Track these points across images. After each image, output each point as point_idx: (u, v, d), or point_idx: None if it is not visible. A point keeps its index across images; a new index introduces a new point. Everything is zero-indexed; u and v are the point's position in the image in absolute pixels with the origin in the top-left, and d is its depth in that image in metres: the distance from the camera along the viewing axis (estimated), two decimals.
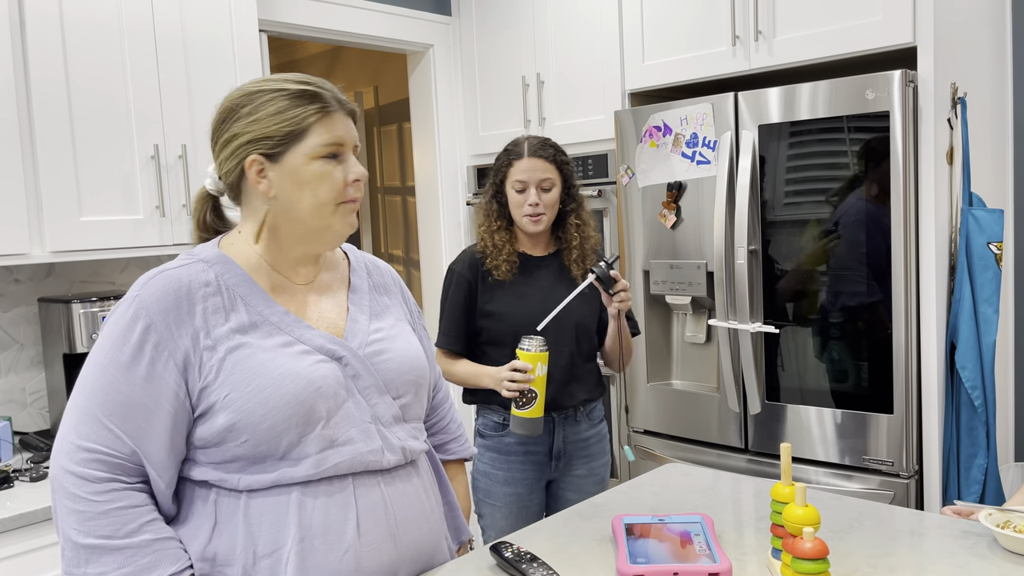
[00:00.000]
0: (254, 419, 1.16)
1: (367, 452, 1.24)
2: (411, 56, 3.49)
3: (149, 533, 1.14)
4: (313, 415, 1.19)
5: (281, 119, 1.20)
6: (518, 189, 2.07)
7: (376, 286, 1.41)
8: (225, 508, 1.19)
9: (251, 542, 1.18)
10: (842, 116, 2.30)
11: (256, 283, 1.25)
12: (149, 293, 1.17)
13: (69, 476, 1.12)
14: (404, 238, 4.70)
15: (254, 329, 1.21)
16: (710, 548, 1.30)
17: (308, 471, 1.19)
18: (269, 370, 1.18)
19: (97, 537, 1.11)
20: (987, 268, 2.34)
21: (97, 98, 2.22)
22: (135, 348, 1.15)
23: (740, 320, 2.49)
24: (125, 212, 2.29)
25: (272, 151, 1.20)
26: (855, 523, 1.46)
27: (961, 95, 2.36)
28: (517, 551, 1.33)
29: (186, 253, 1.27)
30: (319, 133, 1.21)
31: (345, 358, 1.25)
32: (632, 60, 2.88)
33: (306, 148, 1.20)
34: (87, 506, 1.11)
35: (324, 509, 1.20)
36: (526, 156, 2.07)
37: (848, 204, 2.32)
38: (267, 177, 1.21)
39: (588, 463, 2.15)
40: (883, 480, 2.31)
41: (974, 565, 1.26)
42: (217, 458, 1.19)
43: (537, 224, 2.08)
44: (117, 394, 1.14)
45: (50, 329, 2.30)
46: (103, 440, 1.13)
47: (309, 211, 1.22)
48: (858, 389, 2.35)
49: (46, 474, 2.05)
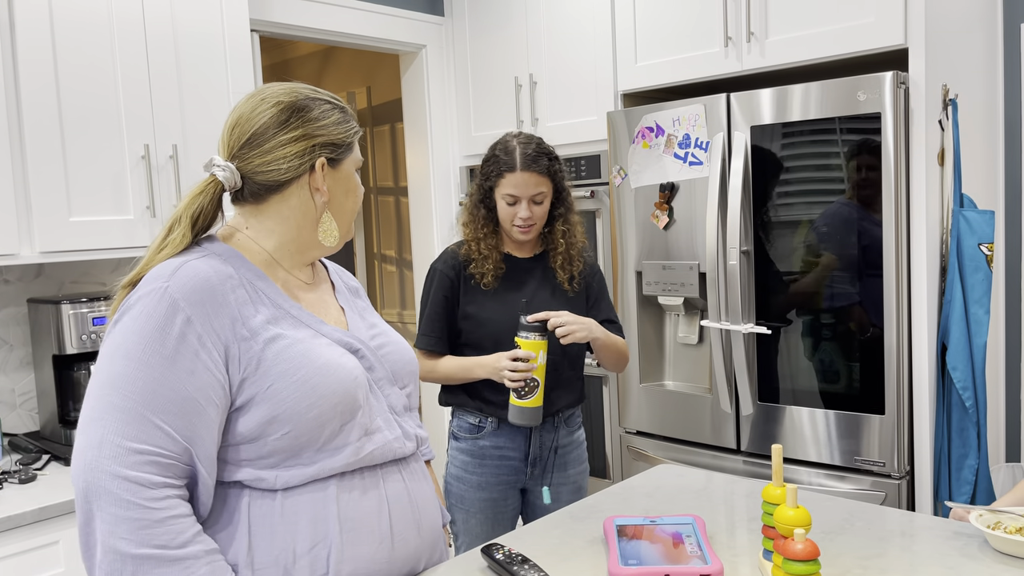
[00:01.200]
0: (300, 409, 1.16)
1: (393, 440, 1.28)
2: (404, 56, 3.49)
3: (200, 544, 1.10)
4: (355, 403, 1.22)
5: (342, 129, 1.29)
6: (509, 202, 2.00)
7: (349, 288, 1.45)
8: (259, 511, 1.17)
9: (290, 541, 1.17)
10: (834, 117, 2.30)
11: (269, 278, 1.25)
12: (181, 285, 1.13)
13: (121, 482, 1.06)
14: (397, 239, 4.70)
15: (282, 321, 1.21)
16: (701, 549, 1.30)
17: (348, 460, 1.21)
18: (311, 360, 1.18)
19: (152, 547, 1.06)
20: (978, 269, 2.35)
21: (87, 98, 2.21)
22: (177, 341, 1.11)
23: (732, 321, 2.49)
24: (115, 212, 2.28)
25: (336, 156, 1.28)
26: (846, 524, 1.46)
27: (952, 96, 2.36)
28: (508, 553, 1.32)
29: (196, 247, 1.23)
30: (356, 148, 1.33)
31: (361, 351, 1.29)
32: (625, 61, 2.88)
33: (354, 160, 1.32)
34: (143, 513, 1.06)
35: (359, 501, 1.22)
36: (519, 170, 1.98)
37: (840, 205, 2.32)
38: (326, 181, 1.28)
39: (564, 470, 2.11)
40: (874, 481, 2.32)
41: (965, 566, 1.27)
42: (252, 455, 1.17)
43: (527, 235, 2.04)
44: (164, 390, 1.10)
45: (39, 330, 2.29)
46: (155, 440, 1.09)
47: (348, 216, 1.32)
48: (850, 390, 2.35)
49: (36, 476, 2.03)
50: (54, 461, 2.19)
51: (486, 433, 2.05)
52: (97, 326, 2.23)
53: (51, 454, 2.21)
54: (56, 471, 2.11)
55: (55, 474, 2.08)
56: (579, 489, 2.16)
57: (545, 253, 2.12)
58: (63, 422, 2.26)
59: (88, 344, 2.22)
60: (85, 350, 2.22)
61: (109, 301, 2.27)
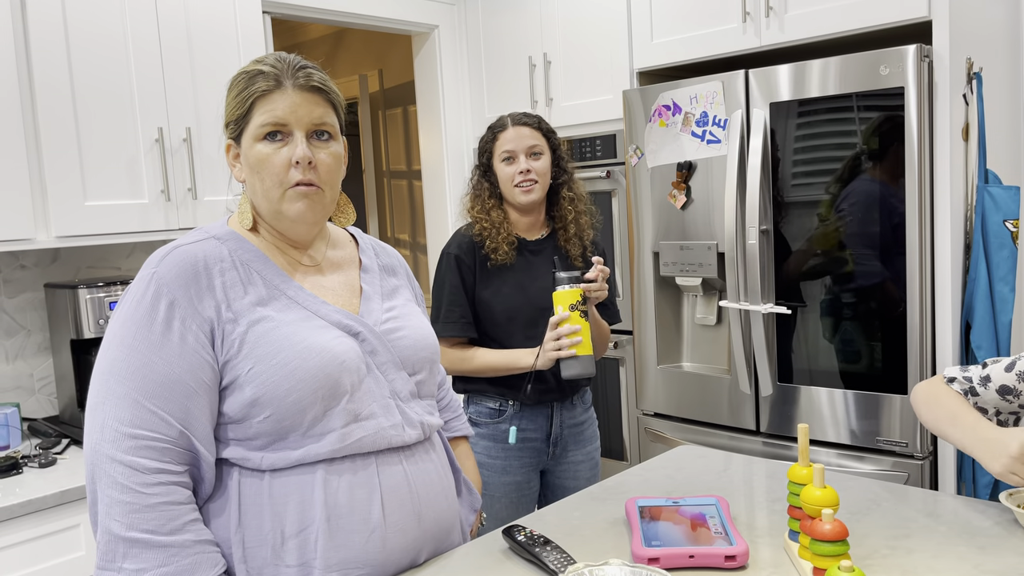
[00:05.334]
0: (279, 392, 1.14)
1: (388, 427, 1.23)
2: (416, 37, 3.45)
3: (191, 533, 1.11)
4: (338, 388, 1.18)
5: (237, 102, 1.20)
6: (506, 159, 2.00)
7: (384, 267, 1.41)
8: (248, 489, 1.17)
9: (278, 522, 1.16)
10: (855, 93, 2.26)
11: (269, 259, 1.24)
12: (167, 269, 1.15)
13: (117, 465, 1.08)
14: (411, 223, 4.68)
15: (273, 302, 1.20)
16: (726, 530, 1.29)
17: (333, 446, 1.18)
18: (293, 343, 1.16)
19: (140, 531, 1.07)
20: (1003, 246, 2.30)
21: (100, 81, 2.19)
22: (163, 325, 1.12)
23: (752, 301, 2.46)
24: (130, 196, 2.27)
25: (234, 136, 1.22)
26: (872, 504, 1.44)
27: (977, 70, 2.31)
28: (530, 534, 1.31)
29: (198, 230, 1.25)
30: (259, 113, 1.18)
31: (362, 334, 1.25)
32: (640, 38, 2.84)
33: (250, 130, 1.20)
34: (135, 497, 1.08)
35: (349, 488, 1.19)
36: (511, 126, 2.02)
37: (861, 182, 2.28)
38: (239, 161, 1.23)
39: (583, 447, 2.11)
40: (896, 461, 2.29)
41: (994, 546, 1.24)
42: (240, 435, 1.17)
43: (530, 193, 1.99)
44: (155, 375, 1.11)
45: (57, 315, 2.29)
46: (149, 424, 1.10)
47: (260, 196, 1.21)
48: (871, 370, 2.32)
49: (55, 460, 2.04)
50: (73, 445, 2.19)
51: (507, 416, 2.03)
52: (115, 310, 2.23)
53: (70, 438, 2.21)
54: (75, 455, 2.11)
55: (75, 458, 2.09)
56: (596, 465, 2.16)
57: (553, 233, 2.09)
58: (81, 406, 2.26)
59: (106, 329, 2.22)
60: (102, 335, 2.22)
61: (125, 286, 2.28)
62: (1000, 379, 1.49)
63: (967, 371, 1.54)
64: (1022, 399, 1.47)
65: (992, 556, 1.21)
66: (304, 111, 1.19)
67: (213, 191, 2.43)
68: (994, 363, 1.52)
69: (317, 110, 1.21)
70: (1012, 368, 1.48)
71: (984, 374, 1.51)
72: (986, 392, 1.50)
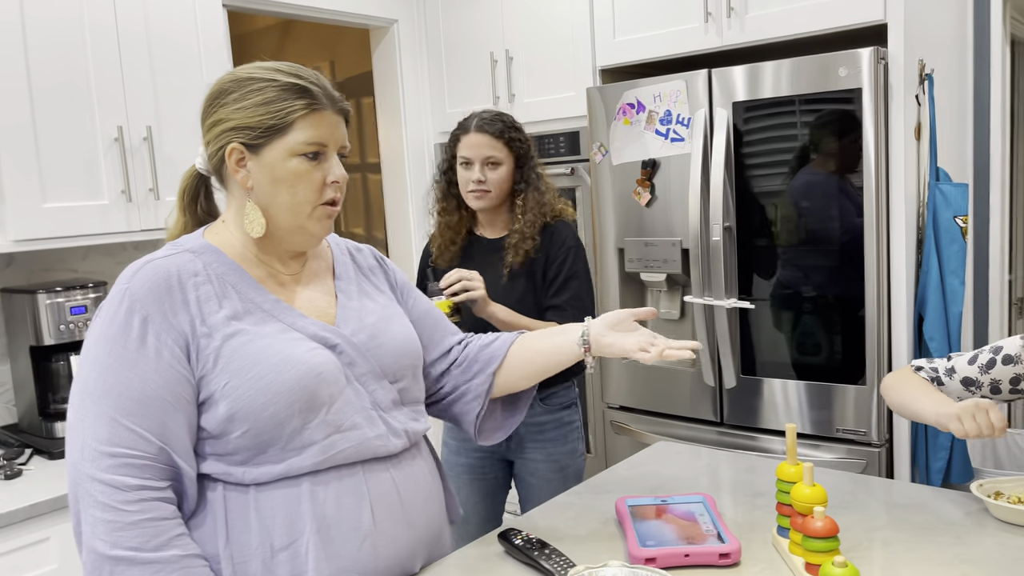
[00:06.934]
0: (255, 407, 1.13)
1: (373, 438, 1.23)
2: (375, 31, 3.42)
3: (178, 548, 1.10)
4: (316, 401, 1.17)
5: (266, 111, 1.18)
6: (463, 165, 2.01)
7: (362, 269, 1.40)
8: (234, 504, 1.16)
9: (267, 536, 1.15)
10: (814, 93, 2.32)
11: (245, 272, 1.22)
12: (139, 284, 1.14)
13: (97, 484, 1.08)
14: (365, 217, 4.64)
15: (248, 316, 1.19)
16: (717, 528, 1.33)
17: (315, 458, 1.17)
18: (268, 356, 1.15)
19: (125, 549, 1.07)
20: (953, 241, 2.41)
21: (57, 76, 2.12)
22: (137, 342, 1.11)
23: (716, 296, 2.52)
24: (89, 197, 2.20)
25: (253, 142, 1.18)
26: (850, 497, 1.50)
27: (928, 72, 2.40)
28: (527, 538, 1.33)
29: (171, 244, 1.23)
30: (302, 130, 1.18)
31: (339, 346, 1.23)
32: (603, 36, 2.87)
33: (287, 144, 1.18)
34: (117, 515, 1.07)
35: (336, 499, 1.18)
36: (472, 131, 2.00)
37: (820, 180, 2.35)
38: (246, 167, 1.20)
39: (543, 448, 2.09)
40: (854, 449, 2.38)
41: (972, 532, 1.31)
42: (219, 450, 1.16)
43: (480, 200, 2.01)
44: (131, 392, 1.10)
45: (14, 320, 2.21)
46: (128, 443, 1.09)
47: (284, 208, 1.20)
48: (831, 361, 2.40)
49: (21, 471, 1.98)
50: (37, 455, 2.13)
51: None
52: (76, 315, 2.17)
53: (33, 448, 2.15)
54: (40, 465, 2.05)
55: (40, 468, 2.03)
56: (561, 468, 2.10)
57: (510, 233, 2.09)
58: (43, 414, 2.20)
59: (66, 335, 2.16)
60: (63, 341, 2.16)
61: (85, 290, 2.21)
62: (964, 371, 1.57)
63: (933, 363, 1.63)
64: (983, 390, 1.56)
65: (969, 546, 1.27)
66: (340, 133, 1.22)
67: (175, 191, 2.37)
68: (958, 356, 1.60)
69: (344, 132, 1.24)
70: (975, 361, 1.56)
71: (949, 366, 1.59)
72: (951, 382, 1.58)
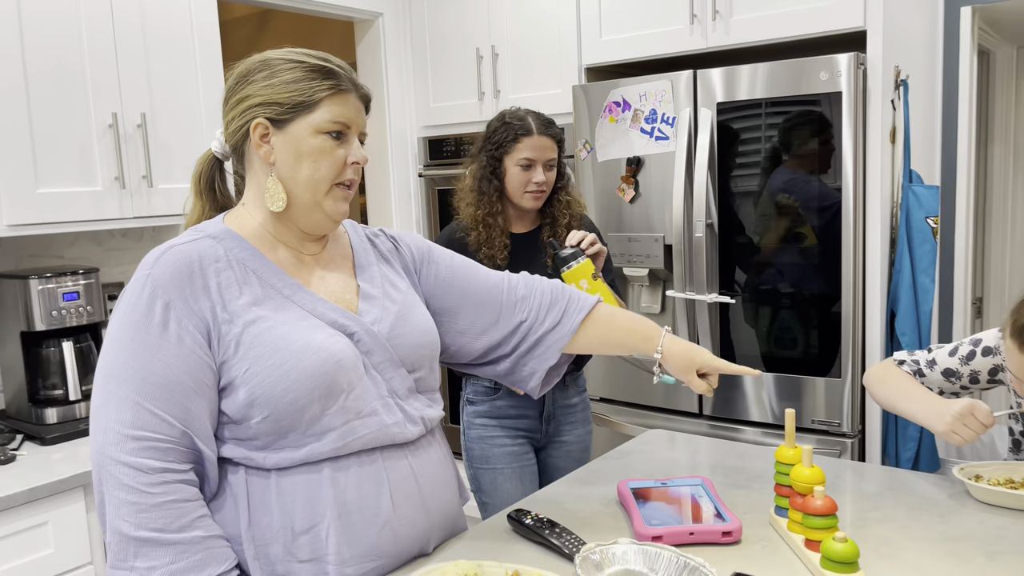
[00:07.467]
0: (275, 393, 1.16)
1: (391, 424, 1.25)
2: (359, 24, 3.43)
3: (200, 530, 1.13)
4: (335, 388, 1.19)
5: (294, 88, 1.21)
6: (524, 166, 2.03)
7: (382, 256, 1.41)
8: (256, 487, 1.19)
9: (287, 519, 1.18)
10: (796, 96, 2.41)
11: (266, 257, 1.24)
12: (162, 270, 1.15)
13: (121, 467, 1.10)
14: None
15: (268, 301, 1.21)
16: (717, 509, 1.39)
17: (335, 444, 1.19)
18: (289, 343, 1.17)
19: (149, 530, 1.09)
20: (925, 241, 2.51)
21: (53, 63, 2.11)
22: (160, 327, 1.13)
23: (697, 291, 2.60)
24: (83, 184, 2.20)
25: (279, 117, 1.21)
26: (838, 481, 1.57)
27: (904, 77, 2.50)
28: (536, 517, 1.38)
29: (192, 229, 1.25)
30: (328, 108, 1.21)
31: (357, 334, 1.25)
32: (589, 35, 2.92)
33: (313, 121, 1.21)
34: (141, 497, 1.09)
35: (357, 484, 1.21)
36: (535, 134, 2.02)
37: (800, 180, 2.44)
38: (269, 142, 1.22)
39: (574, 429, 2.18)
40: (828, 439, 2.48)
41: (955, 512, 1.40)
42: (240, 435, 1.19)
43: (538, 201, 2.06)
44: (154, 376, 1.12)
45: (5, 306, 2.20)
46: (151, 426, 1.11)
47: (304, 184, 1.22)
48: (808, 355, 2.50)
49: (15, 457, 1.97)
50: (28, 440, 2.12)
51: (503, 393, 2.09)
52: (68, 301, 2.16)
53: (24, 433, 2.14)
54: (33, 451, 2.05)
55: (33, 454, 2.02)
56: (587, 448, 2.21)
57: (540, 227, 2.14)
58: (33, 400, 2.19)
59: (58, 321, 2.15)
60: (55, 327, 2.15)
61: (76, 276, 2.21)
62: (944, 363, 1.65)
63: (914, 355, 1.71)
64: (963, 380, 1.65)
65: (954, 524, 1.36)
66: (362, 119, 1.26)
67: (168, 179, 2.38)
68: (938, 348, 1.69)
69: (364, 119, 1.28)
70: (955, 353, 1.65)
71: (930, 358, 1.68)
72: (932, 374, 1.66)
